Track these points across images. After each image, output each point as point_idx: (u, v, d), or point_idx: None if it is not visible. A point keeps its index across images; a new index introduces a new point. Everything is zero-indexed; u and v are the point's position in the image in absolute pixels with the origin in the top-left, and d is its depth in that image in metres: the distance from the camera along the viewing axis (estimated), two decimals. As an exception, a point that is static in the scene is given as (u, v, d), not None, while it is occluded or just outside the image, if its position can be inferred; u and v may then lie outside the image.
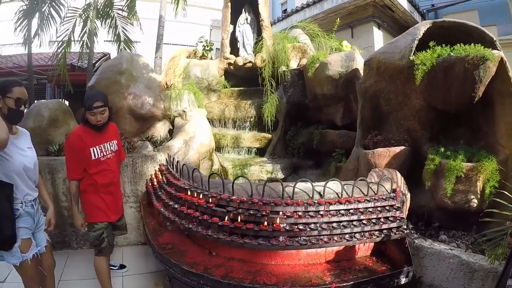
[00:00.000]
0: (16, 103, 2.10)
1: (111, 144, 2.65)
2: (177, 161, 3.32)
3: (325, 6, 9.65)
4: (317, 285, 2.14)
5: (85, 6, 9.09)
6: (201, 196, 2.46)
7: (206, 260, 2.44)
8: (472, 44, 2.89)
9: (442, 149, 3.11)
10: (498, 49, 2.94)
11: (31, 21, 8.54)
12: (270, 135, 5.88)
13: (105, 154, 2.58)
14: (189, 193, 2.57)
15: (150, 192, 3.41)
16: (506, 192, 2.41)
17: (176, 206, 2.64)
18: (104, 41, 11.03)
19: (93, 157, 2.50)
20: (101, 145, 2.56)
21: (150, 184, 3.51)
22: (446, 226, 3.19)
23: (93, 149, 2.50)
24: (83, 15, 9.09)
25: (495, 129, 3.07)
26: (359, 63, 4.55)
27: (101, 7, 9.12)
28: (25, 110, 2.31)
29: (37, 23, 8.51)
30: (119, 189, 2.82)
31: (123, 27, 9.78)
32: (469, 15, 10.03)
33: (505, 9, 9.37)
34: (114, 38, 9.82)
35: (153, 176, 3.59)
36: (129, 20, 9.73)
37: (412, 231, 3.02)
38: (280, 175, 5.20)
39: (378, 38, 9.40)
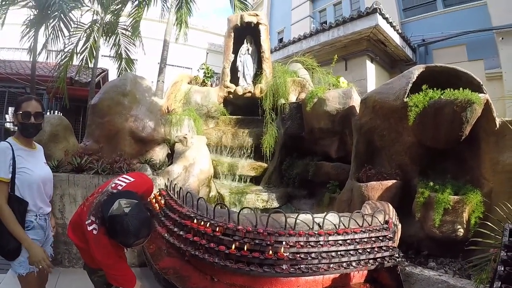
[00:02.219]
0: (23, 117, 2.21)
1: None
2: (180, 188, 3.39)
3: (321, 38, 9.93)
4: (316, 311, 2.24)
5: (91, 23, 9.29)
6: (208, 225, 2.55)
7: (209, 285, 2.49)
8: (461, 87, 3.14)
9: (431, 183, 3.30)
10: (484, 92, 3.19)
11: (38, 32, 8.52)
12: (266, 164, 5.88)
13: None
14: (195, 221, 2.66)
15: (151, 217, 3.45)
16: (489, 223, 2.58)
17: (181, 233, 2.72)
18: (102, 56, 11.08)
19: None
20: None
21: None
22: (434, 254, 3.35)
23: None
24: (88, 30, 9.28)
25: (480, 164, 3.29)
26: (355, 101, 4.67)
27: (106, 25, 9.34)
28: (41, 122, 2.33)
29: (45, 34, 8.40)
30: None
31: (125, 46, 9.99)
32: (458, 49, 10.33)
33: (492, 44, 9.57)
34: (116, 56, 9.98)
35: (154, 201, 3.57)
36: (132, 40, 9.94)
37: (403, 259, 3.15)
38: (275, 204, 5.18)
39: (371, 71, 9.62)
